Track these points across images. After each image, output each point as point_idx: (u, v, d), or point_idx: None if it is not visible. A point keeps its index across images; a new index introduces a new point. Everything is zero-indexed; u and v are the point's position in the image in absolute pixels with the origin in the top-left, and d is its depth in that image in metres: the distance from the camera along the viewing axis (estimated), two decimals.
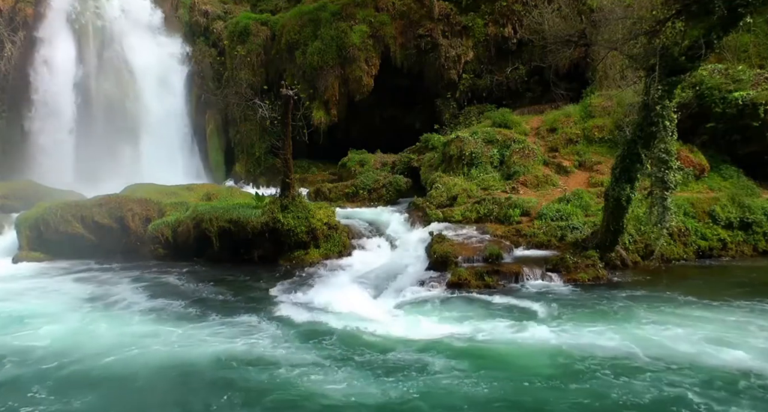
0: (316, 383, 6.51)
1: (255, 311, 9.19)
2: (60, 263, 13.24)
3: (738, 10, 9.01)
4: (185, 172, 22.35)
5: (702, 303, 9.05)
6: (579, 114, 16.81)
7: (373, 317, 8.70)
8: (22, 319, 9.03)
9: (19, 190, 16.91)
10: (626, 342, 7.44)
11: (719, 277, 11.04)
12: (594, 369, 6.70)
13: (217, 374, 6.81)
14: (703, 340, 7.46)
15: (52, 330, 8.43)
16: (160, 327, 8.54)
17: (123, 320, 8.93)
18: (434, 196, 14.63)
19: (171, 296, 10.30)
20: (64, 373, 6.92)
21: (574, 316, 8.57)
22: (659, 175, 10.10)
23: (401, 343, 7.64)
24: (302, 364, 7.01)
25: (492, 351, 7.36)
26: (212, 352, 7.44)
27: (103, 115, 21.97)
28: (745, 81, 14.40)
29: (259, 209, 12.99)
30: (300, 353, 7.39)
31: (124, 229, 13.71)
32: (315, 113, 21.40)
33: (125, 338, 8.04)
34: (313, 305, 9.41)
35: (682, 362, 6.83)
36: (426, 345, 7.52)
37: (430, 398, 6.11)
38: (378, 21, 21.30)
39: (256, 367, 6.94)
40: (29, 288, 11.07)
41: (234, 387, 6.44)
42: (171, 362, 7.19)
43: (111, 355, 7.40)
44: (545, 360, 7.01)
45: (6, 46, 22.05)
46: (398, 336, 7.91)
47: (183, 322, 8.77)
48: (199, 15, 24.89)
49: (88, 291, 10.73)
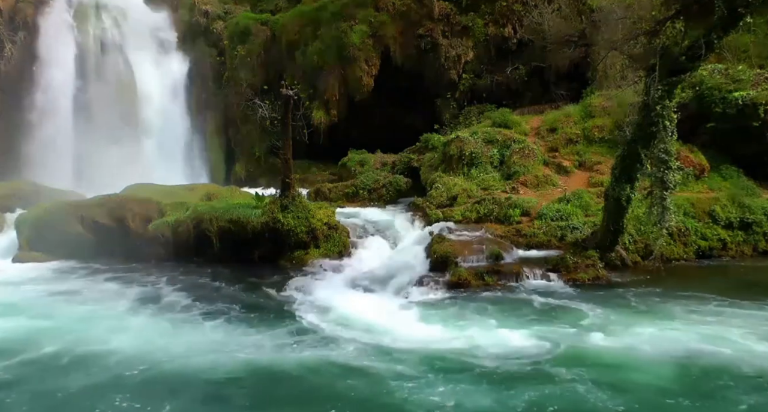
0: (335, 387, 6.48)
1: (260, 312, 9.17)
2: (60, 264, 13.16)
3: (738, 10, 9.01)
4: (185, 172, 22.33)
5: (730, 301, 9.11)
6: (579, 114, 16.81)
7: (377, 318, 8.68)
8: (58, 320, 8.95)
9: (19, 190, 16.88)
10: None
11: (721, 276, 11.05)
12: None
13: (254, 381, 6.74)
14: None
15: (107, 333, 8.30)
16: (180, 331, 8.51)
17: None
18: (434, 196, 14.62)
19: (177, 297, 10.25)
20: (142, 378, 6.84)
21: (619, 318, 8.51)
22: (659, 176, 10.10)
23: (415, 347, 7.58)
24: (321, 368, 6.96)
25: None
26: (243, 359, 7.32)
27: (103, 115, 21.93)
28: (745, 81, 14.38)
29: (259, 208, 12.98)
30: (315, 356, 7.34)
31: (124, 229, 13.68)
32: (315, 113, 21.39)
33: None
34: (316, 306, 9.39)
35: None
36: (438, 352, 7.42)
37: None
38: (378, 21, 21.28)
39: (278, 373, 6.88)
40: (56, 291, 10.88)
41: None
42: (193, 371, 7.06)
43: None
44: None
45: (6, 46, 22.05)
46: (410, 339, 7.85)
47: (187, 325, 8.74)
48: (199, 15, 24.85)
49: (126, 293, 10.63)
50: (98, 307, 9.66)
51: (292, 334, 8.14)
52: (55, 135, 21.36)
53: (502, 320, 8.47)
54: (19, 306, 9.76)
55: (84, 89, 22.06)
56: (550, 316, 8.72)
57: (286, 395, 6.41)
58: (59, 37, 22.13)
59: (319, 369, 6.91)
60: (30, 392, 6.48)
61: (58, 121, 21.50)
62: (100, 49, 22.65)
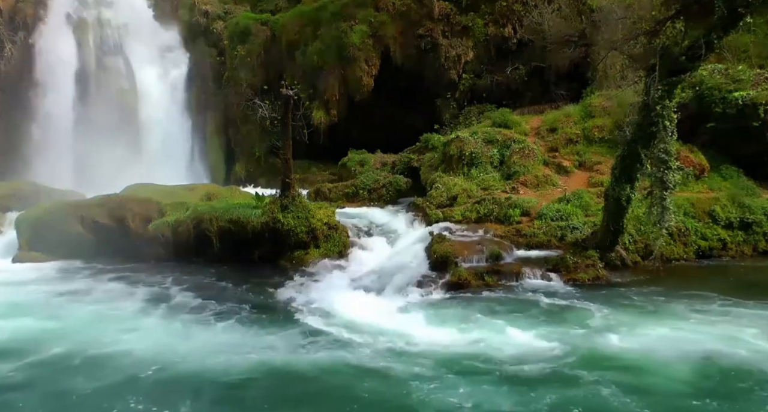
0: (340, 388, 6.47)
1: (267, 313, 9.18)
2: (61, 264, 13.14)
3: (738, 10, 9.01)
4: (185, 172, 22.33)
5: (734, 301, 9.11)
6: (579, 114, 16.80)
7: (382, 319, 8.67)
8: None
9: (19, 190, 16.87)
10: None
11: (722, 276, 11.04)
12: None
13: (262, 383, 6.73)
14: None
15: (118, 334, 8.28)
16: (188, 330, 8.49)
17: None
18: (434, 196, 14.62)
19: (184, 297, 10.24)
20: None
21: (627, 318, 8.45)
22: (659, 176, 10.10)
23: (426, 349, 7.55)
24: (334, 369, 6.94)
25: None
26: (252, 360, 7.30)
27: (103, 115, 21.93)
28: (745, 81, 14.38)
29: (259, 208, 12.98)
30: (327, 357, 7.32)
31: (124, 229, 13.68)
32: (315, 113, 21.38)
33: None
34: (318, 307, 9.39)
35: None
36: (451, 353, 7.39)
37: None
38: (378, 21, 21.28)
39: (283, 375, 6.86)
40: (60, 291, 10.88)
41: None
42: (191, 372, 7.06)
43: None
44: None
45: (6, 46, 22.05)
46: (420, 340, 7.83)
47: (197, 326, 8.72)
48: (199, 15, 24.84)
49: (131, 293, 10.61)
50: (105, 307, 9.66)
51: (303, 335, 8.11)
52: (56, 135, 21.39)
53: (509, 321, 8.44)
54: (24, 307, 9.75)
55: (84, 90, 22.06)
56: (556, 316, 8.68)
57: (300, 395, 6.38)
58: (59, 37, 22.13)
59: (331, 370, 6.89)
60: (43, 392, 6.48)
61: (58, 121, 21.51)
62: (100, 50, 22.66)
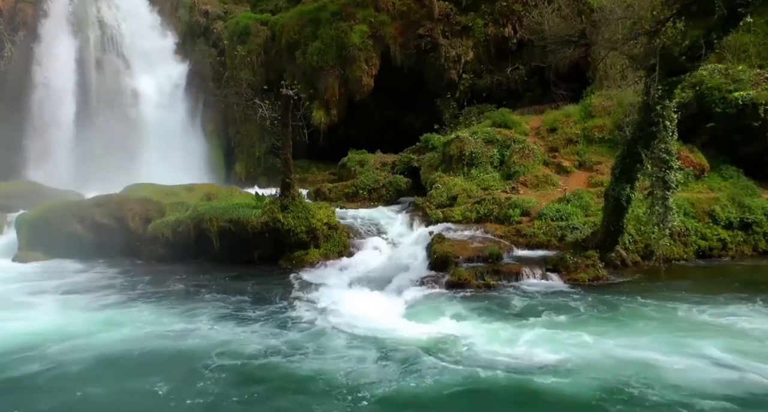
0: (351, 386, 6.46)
1: (265, 313, 9.14)
2: (61, 263, 13.14)
3: (738, 10, 9.00)
4: (185, 172, 22.27)
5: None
6: (579, 114, 16.81)
7: (380, 318, 8.65)
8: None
9: (19, 190, 16.91)
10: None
11: (722, 276, 10.99)
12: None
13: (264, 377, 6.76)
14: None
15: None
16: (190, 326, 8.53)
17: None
18: (434, 196, 14.62)
19: (181, 298, 10.20)
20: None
21: (631, 319, 8.37)
22: (660, 175, 10.08)
23: (421, 347, 7.52)
24: (341, 369, 6.92)
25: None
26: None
27: (103, 115, 21.96)
28: (745, 81, 14.39)
29: (259, 208, 12.98)
30: (316, 357, 7.31)
31: (124, 229, 13.69)
32: (315, 113, 21.41)
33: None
34: (318, 307, 9.37)
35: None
36: (442, 354, 7.32)
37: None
38: (378, 21, 21.30)
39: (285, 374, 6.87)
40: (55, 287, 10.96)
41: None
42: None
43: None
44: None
45: (6, 45, 22.05)
46: (420, 340, 7.81)
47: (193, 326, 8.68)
48: (199, 15, 24.87)
49: (134, 293, 10.57)
50: (105, 307, 9.62)
51: (303, 335, 8.06)
52: (56, 135, 21.40)
53: (510, 321, 8.40)
54: (24, 306, 9.72)
55: (84, 90, 22.07)
56: (556, 316, 8.60)
57: (300, 395, 6.33)
58: (59, 37, 22.14)
59: (332, 370, 6.84)
60: (43, 392, 6.46)
61: (58, 121, 21.52)
62: (100, 50, 22.66)
